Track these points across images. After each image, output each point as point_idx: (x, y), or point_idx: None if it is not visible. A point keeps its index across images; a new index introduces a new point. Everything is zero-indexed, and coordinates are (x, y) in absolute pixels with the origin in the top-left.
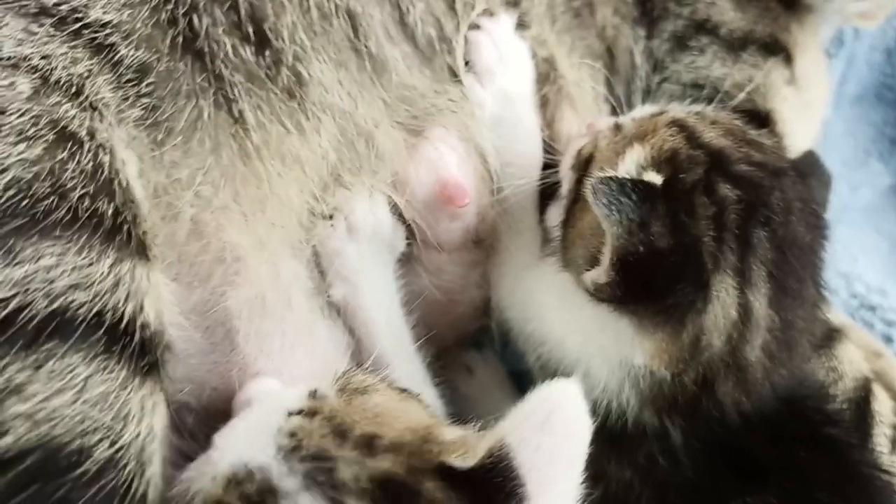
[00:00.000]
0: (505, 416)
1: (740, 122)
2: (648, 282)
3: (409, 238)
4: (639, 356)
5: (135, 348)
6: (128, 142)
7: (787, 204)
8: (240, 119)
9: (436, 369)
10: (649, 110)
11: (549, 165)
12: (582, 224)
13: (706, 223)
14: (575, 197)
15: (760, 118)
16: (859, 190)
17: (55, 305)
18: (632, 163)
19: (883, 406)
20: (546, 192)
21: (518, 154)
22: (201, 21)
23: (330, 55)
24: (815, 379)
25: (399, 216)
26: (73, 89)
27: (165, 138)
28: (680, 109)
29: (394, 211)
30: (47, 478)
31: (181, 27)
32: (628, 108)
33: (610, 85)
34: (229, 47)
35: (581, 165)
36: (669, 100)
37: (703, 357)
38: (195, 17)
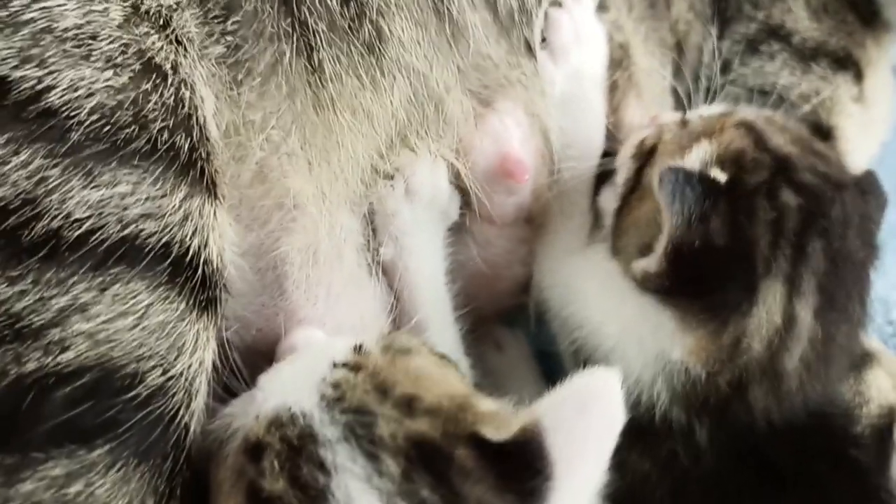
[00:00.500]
0: (541, 396)
1: (807, 132)
2: (698, 277)
3: (463, 208)
4: (677, 351)
5: (196, 282)
6: (207, 78)
7: (846, 218)
8: (318, 68)
9: (469, 341)
10: (718, 109)
11: (607, 153)
12: (638, 213)
13: (764, 227)
14: (633, 186)
15: (822, 132)
16: None
17: (126, 232)
18: (698, 158)
19: None
20: (600, 179)
21: (581, 136)
22: None
23: (412, 14)
24: (843, 400)
25: (457, 184)
26: (161, 21)
27: (244, 78)
28: (750, 112)
29: (452, 178)
30: (101, 396)
31: None
32: (691, 106)
33: (678, 78)
34: None
35: (643, 156)
36: (733, 102)
37: (741, 360)
38: None
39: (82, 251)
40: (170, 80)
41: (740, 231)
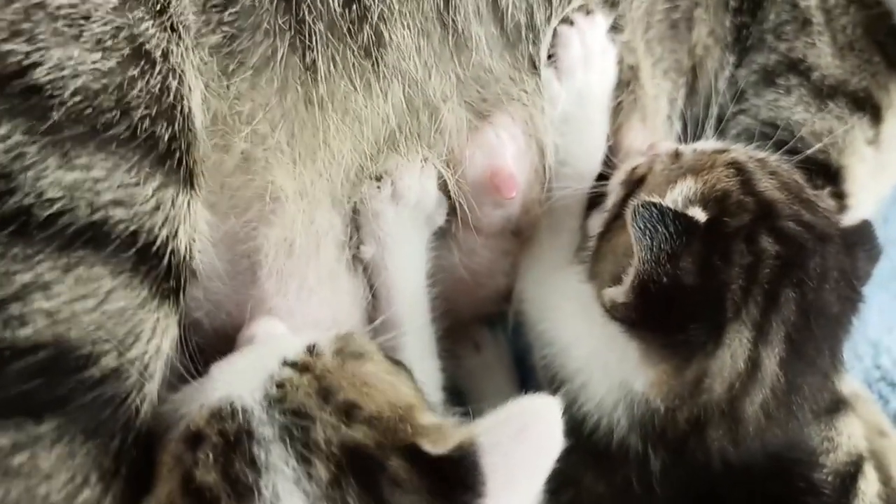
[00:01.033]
0: (485, 414)
1: (800, 178)
2: (664, 313)
3: (450, 215)
4: (639, 382)
5: (160, 272)
6: (199, 66)
7: (825, 271)
8: (311, 67)
9: (445, 342)
10: (713, 146)
11: (603, 176)
12: (617, 241)
13: (738, 271)
14: (617, 213)
15: (830, 172)
16: None
17: (95, 217)
18: (680, 194)
19: (870, 487)
20: (593, 201)
21: (578, 157)
22: None
23: (416, 22)
24: (809, 445)
25: (445, 191)
26: (159, 6)
27: (236, 70)
28: (743, 151)
29: (441, 185)
30: (54, 374)
31: None
32: (700, 132)
33: (687, 104)
34: None
35: (631, 184)
36: (742, 133)
37: (701, 399)
38: None
39: (51, 231)
40: (158, 68)
41: (713, 273)
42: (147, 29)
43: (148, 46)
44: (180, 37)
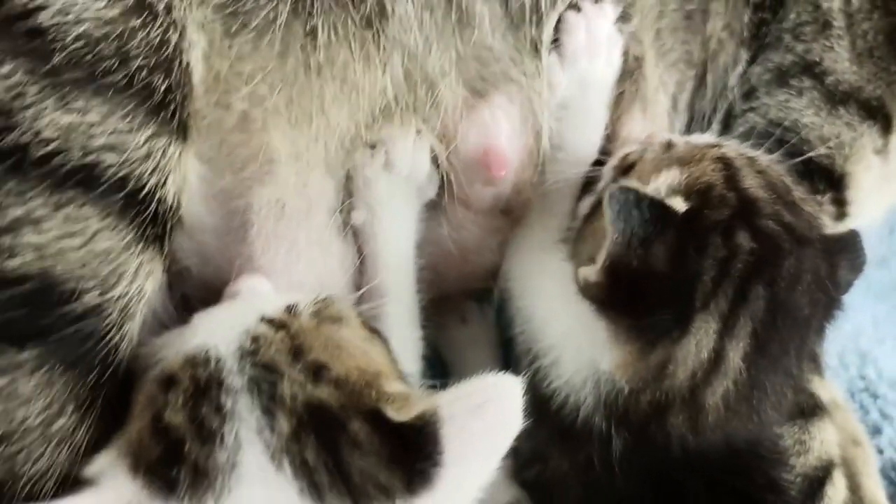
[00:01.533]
0: (450, 387)
1: (789, 181)
2: (632, 296)
3: (442, 189)
4: (606, 362)
5: (147, 217)
6: (202, 24)
7: (799, 273)
8: (311, 34)
9: (431, 312)
10: (706, 140)
11: (600, 162)
12: (598, 224)
13: (712, 263)
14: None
15: (833, 177)
16: None
17: (88, 160)
18: (664, 183)
19: (837, 493)
20: (587, 184)
21: (574, 143)
22: None
23: None
24: (777, 444)
25: (437, 166)
26: None
27: (239, 30)
28: (734, 148)
29: (432, 160)
30: (38, 305)
31: None
32: (706, 126)
33: (695, 97)
34: None
35: (621, 170)
36: (748, 131)
37: (664, 384)
38: None
39: (44, 169)
40: (159, 21)
41: (686, 262)
42: None
43: None
44: None
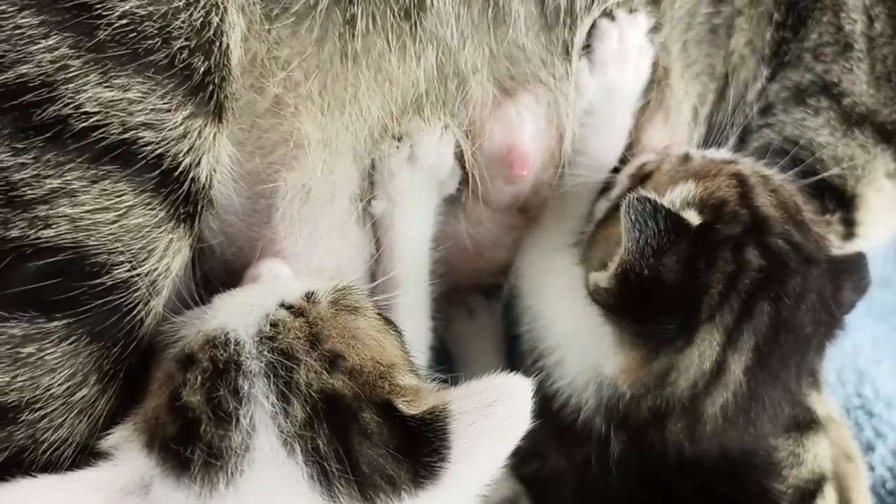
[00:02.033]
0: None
1: (801, 201)
2: (640, 303)
3: (462, 185)
4: (610, 366)
5: (179, 196)
6: (243, 6)
7: (804, 292)
8: (350, 22)
9: (440, 304)
10: (722, 155)
11: (618, 169)
12: (612, 230)
13: (720, 277)
14: (618, 203)
15: (844, 198)
16: None
17: (126, 136)
18: (679, 195)
19: None
20: (604, 188)
21: (596, 149)
22: None
23: None
24: (771, 455)
25: (460, 161)
26: None
27: (279, 15)
28: (749, 165)
29: (457, 155)
30: (69, 276)
31: None
32: (722, 139)
33: (714, 110)
34: None
35: (638, 178)
36: (763, 146)
37: (665, 391)
38: None
39: (83, 143)
40: (202, 2)
41: (695, 274)
42: None
43: None
44: None
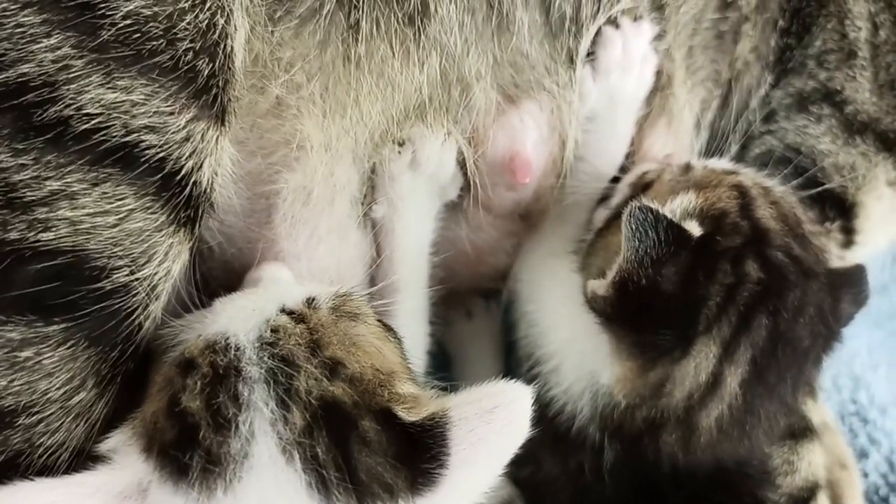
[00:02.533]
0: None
1: (801, 213)
2: (638, 313)
3: (463, 190)
4: (606, 375)
5: (181, 200)
6: (247, 7)
7: (802, 306)
8: (354, 26)
9: (438, 307)
10: (724, 165)
11: (615, 178)
12: (611, 238)
13: (718, 289)
14: (618, 212)
15: (844, 206)
16: None
17: (128, 138)
18: (679, 206)
19: None
20: (604, 196)
21: (597, 156)
22: None
23: None
24: (765, 464)
25: (462, 167)
26: None
27: (283, 17)
28: (751, 177)
29: (459, 161)
30: (68, 280)
31: None
32: (724, 145)
33: (717, 116)
34: None
35: (638, 187)
36: (764, 153)
37: (661, 402)
38: None
39: (84, 145)
40: (207, 4)
41: (694, 285)
42: None
43: None
44: None
